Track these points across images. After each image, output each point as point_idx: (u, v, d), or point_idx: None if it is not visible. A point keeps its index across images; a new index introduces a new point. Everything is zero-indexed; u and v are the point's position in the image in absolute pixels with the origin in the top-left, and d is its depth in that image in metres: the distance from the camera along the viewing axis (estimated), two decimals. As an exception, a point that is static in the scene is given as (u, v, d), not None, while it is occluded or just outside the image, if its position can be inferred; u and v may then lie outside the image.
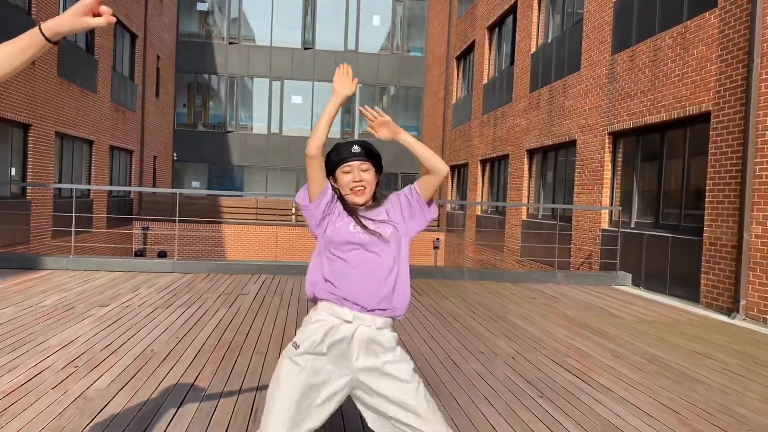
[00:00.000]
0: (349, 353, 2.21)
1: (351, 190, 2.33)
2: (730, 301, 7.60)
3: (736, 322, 7.19)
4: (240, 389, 3.94)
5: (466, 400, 3.91)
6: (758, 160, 7.22)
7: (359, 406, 2.27)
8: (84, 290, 7.31)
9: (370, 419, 2.22)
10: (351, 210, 2.33)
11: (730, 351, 5.65)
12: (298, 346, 2.20)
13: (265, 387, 3.96)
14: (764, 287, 7.10)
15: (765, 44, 7.18)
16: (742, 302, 7.33)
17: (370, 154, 2.37)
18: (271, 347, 5.04)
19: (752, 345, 5.96)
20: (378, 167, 2.39)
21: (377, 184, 2.40)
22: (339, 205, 2.36)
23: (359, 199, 2.33)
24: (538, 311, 7.22)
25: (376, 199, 2.41)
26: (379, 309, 2.22)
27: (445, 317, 6.62)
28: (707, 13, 8.31)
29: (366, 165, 2.34)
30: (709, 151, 8.16)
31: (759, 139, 7.20)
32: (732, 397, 4.25)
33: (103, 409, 3.50)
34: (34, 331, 5.21)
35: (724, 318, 7.40)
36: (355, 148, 2.36)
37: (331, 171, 2.38)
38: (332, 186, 2.38)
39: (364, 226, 2.27)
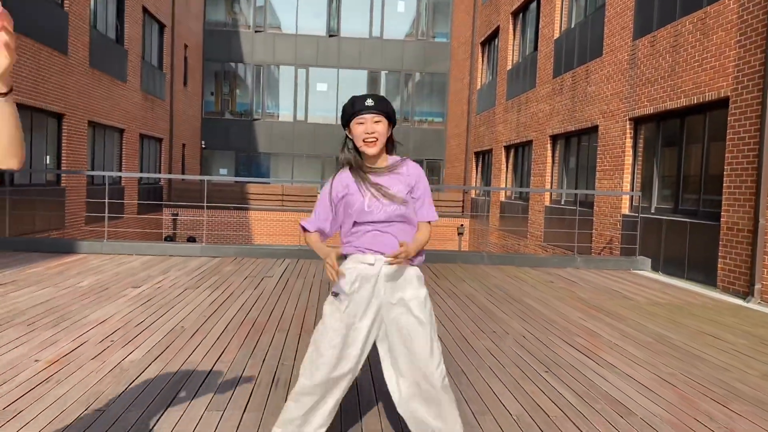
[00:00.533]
0: (377, 290, 2.51)
1: (364, 141, 2.54)
2: (746, 284, 7.68)
3: (751, 305, 7.29)
4: (263, 362, 4.22)
5: (474, 374, 4.14)
6: (775, 145, 7.27)
7: (377, 342, 2.57)
8: (118, 272, 7.69)
9: (382, 351, 2.55)
10: (364, 181, 2.56)
11: (740, 332, 5.78)
12: (336, 294, 2.50)
13: (287, 361, 4.25)
14: (779, 271, 7.18)
15: (783, 29, 7.20)
16: (757, 286, 7.42)
17: (383, 106, 2.56)
18: (293, 326, 5.32)
19: (763, 327, 6.08)
20: (391, 120, 2.59)
21: (390, 137, 2.63)
22: (349, 187, 2.59)
23: (371, 150, 2.55)
24: (554, 294, 7.40)
25: (389, 151, 2.64)
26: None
27: (461, 299, 6.84)
28: (727, -2, 8.32)
29: (378, 117, 2.54)
30: (728, 137, 8.21)
31: (775, 125, 7.25)
32: (733, 374, 4.41)
33: (137, 378, 3.80)
34: (72, 309, 5.57)
35: (739, 301, 7.49)
36: (369, 102, 2.54)
37: (346, 122, 2.59)
38: (348, 139, 2.62)
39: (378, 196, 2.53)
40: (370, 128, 2.52)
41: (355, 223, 2.57)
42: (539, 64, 15.93)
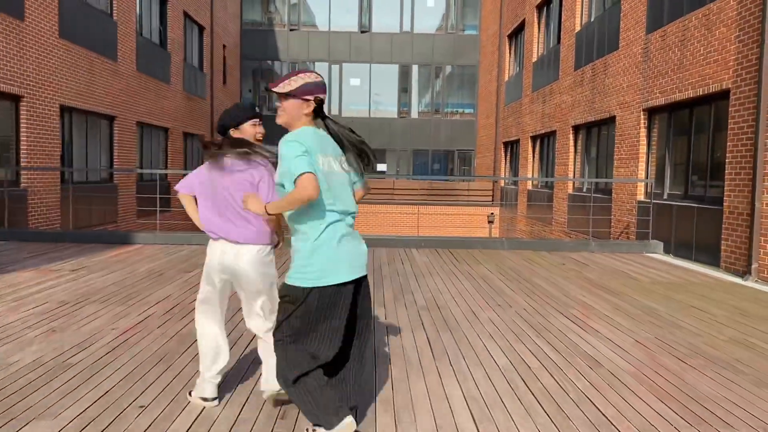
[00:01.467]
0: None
1: (255, 138, 3.38)
2: (745, 264, 8.25)
3: (748, 283, 7.86)
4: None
5: (475, 338, 4.91)
6: (768, 134, 7.81)
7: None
8: (171, 260, 8.65)
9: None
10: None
11: (725, 306, 6.40)
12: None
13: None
14: (773, 251, 7.74)
15: (775, 26, 7.71)
16: (755, 265, 7.98)
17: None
18: (324, 301, 6.15)
19: (749, 301, 6.68)
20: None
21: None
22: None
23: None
24: (563, 275, 8.09)
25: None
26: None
27: (476, 279, 7.59)
28: (727, -5, 8.83)
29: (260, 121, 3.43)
30: (729, 126, 8.74)
31: (769, 115, 7.78)
32: (703, 338, 5.08)
33: (192, 343, 4.68)
34: (136, 290, 6.51)
35: (737, 280, 8.06)
36: (257, 109, 3.44)
37: (238, 124, 3.37)
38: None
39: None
40: (261, 129, 3.40)
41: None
42: (562, 56, 16.45)
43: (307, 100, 2.92)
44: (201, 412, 3.33)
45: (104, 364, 4.07)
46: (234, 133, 3.36)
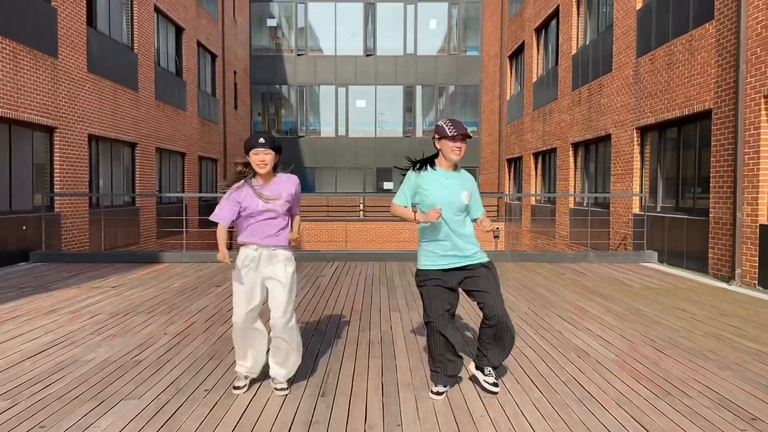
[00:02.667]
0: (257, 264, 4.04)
1: (257, 165, 3.90)
2: (729, 270, 8.93)
3: (732, 287, 8.54)
4: (324, 332, 5.79)
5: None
6: (746, 150, 8.53)
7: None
8: (200, 276, 9.40)
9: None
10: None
11: (706, 307, 7.09)
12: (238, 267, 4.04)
13: (342, 328, 5.78)
14: (753, 258, 8.43)
15: (749, 52, 8.48)
16: (738, 271, 8.67)
17: (270, 144, 3.95)
18: (344, 310, 6.88)
19: (729, 303, 7.37)
20: (277, 152, 4.01)
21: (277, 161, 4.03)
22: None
23: (261, 171, 3.93)
24: (562, 283, 8.79)
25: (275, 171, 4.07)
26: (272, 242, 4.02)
27: (481, 288, 8.30)
28: (707, 24, 9.61)
29: (267, 151, 3.92)
30: (712, 143, 9.48)
31: (746, 133, 8.52)
32: (680, 333, 5.78)
33: (238, 342, 5.41)
34: (175, 302, 7.25)
35: (723, 285, 8.74)
36: (261, 140, 3.94)
37: (246, 152, 3.93)
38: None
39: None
40: (261, 157, 3.88)
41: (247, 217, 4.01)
42: (560, 77, 17.26)
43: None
44: (256, 391, 4.06)
45: (166, 360, 4.81)
46: (247, 158, 4.00)
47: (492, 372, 4.06)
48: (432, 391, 4.01)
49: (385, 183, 30.80)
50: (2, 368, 4.60)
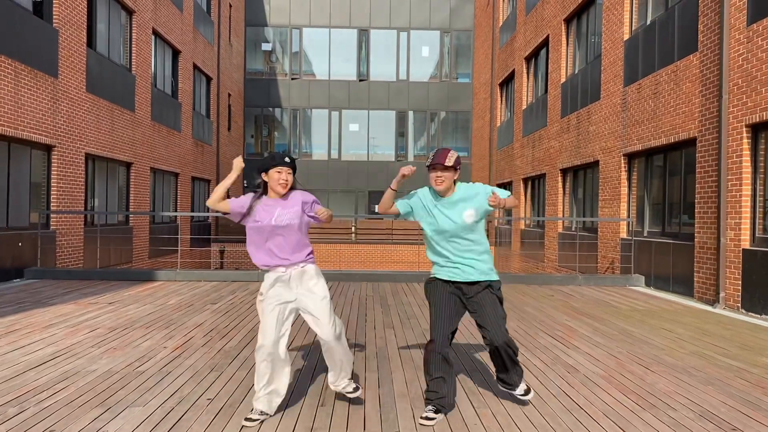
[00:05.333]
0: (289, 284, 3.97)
1: (278, 183, 3.87)
2: (714, 293, 9.17)
3: (717, 310, 8.76)
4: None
5: (472, 351, 5.79)
6: (729, 177, 8.83)
7: (303, 315, 4.05)
8: (195, 294, 9.52)
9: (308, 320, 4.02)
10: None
11: (691, 327, 7.30)
12: (261, 293, 4.01)
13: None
14: (737, 281, 8.67)
15: (731, 83, 8.81)
16: (722, 294, 8.90)
17: (292, 163, 3.96)
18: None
19: (713, 324, 7.58)
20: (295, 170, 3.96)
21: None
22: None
23: (280, 191, 3.89)
24: (551, 304, 8.98)
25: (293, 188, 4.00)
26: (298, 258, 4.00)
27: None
28: (691, 55, 9.98)
29: (289, 169, 3.92)
30: (696, 170, 9.78)
31: (729, 161, 8.82)
32: (665, 351, 5.97)
33: (236, 356, 5.54)
34: (173, 318, 7.37)
35: (707, 307, 8.97)
36: (287, 159, 3.90)
37: (266, 169, 3.88)
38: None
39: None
40: (285, 177, 3.89)
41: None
42: (549, 104, 17.64)
43: (458, 170, 4.05)
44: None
45: (167, 372, 4.94)
46: (264, 177, 4.00)
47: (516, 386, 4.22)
48: (422, 417, 3.89)
49: (376, 206, 31.00)
50: (8, 377, 4.71)
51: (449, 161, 3.97)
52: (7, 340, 6.02)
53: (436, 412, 3.91)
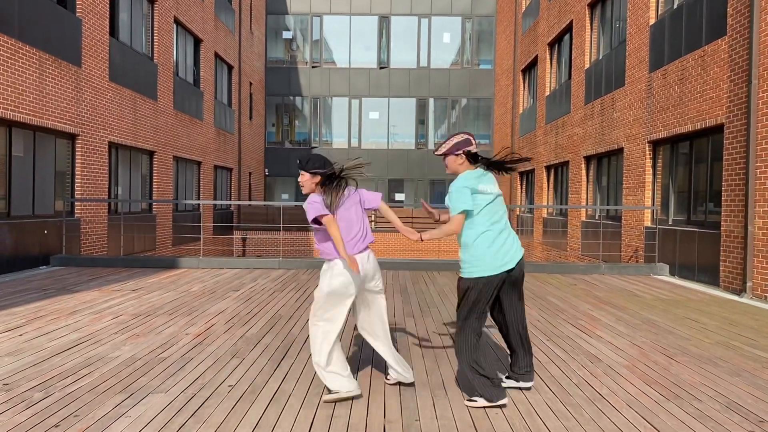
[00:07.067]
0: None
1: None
2: (740, 283, 9.00)
3: (744, 300, 8.61)
4: (341, 337, 5.93)
5: (492, 340, 5.75)
6: (758, 164, 8.63)
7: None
8: (217, 281, 9.58)
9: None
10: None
11: (717, 317, 7.18)
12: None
13: (353, 337, 5.95)
14: (765, 270, 8.50)
15: (761, 67, 8.60)
16: (749, 283, 8.74)
17: (302, 165, 4.06)
18: (360, 314, 7.03)
19: (740, 314, 7.45)
20: (307, 170, 4.00)
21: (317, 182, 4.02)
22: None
23: (305, 191, 4.06)
24: (573, 293, 8.90)
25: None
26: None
27: (494, 297, 8.42)
28: (720, 39, 9.75)
29: (301, 173, 4.02)
30: (724, 157, 9.58)
31: (758, 147, 8.62)
32: (691, 341, 5.87)
33: (258, 342, 5.57)
34: (195, 305, 7.43)
35: (734, 297, 8.81)
36: (297, 163, 4.11)
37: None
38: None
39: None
40: (300, 179, 4.06)
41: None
42: (573, 91, 17.40)
43: (458, 155, 4.07)
44: (278, 388, 4.22)
45: (190, 358, 4.97)
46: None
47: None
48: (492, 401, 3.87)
49: (397, 194, 30.96)
50: (34, 362, 4.78)
51: (440, 150, 4.15)
52: (33, 326, 6.11)
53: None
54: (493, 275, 3.90)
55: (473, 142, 4.11)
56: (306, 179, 4.05)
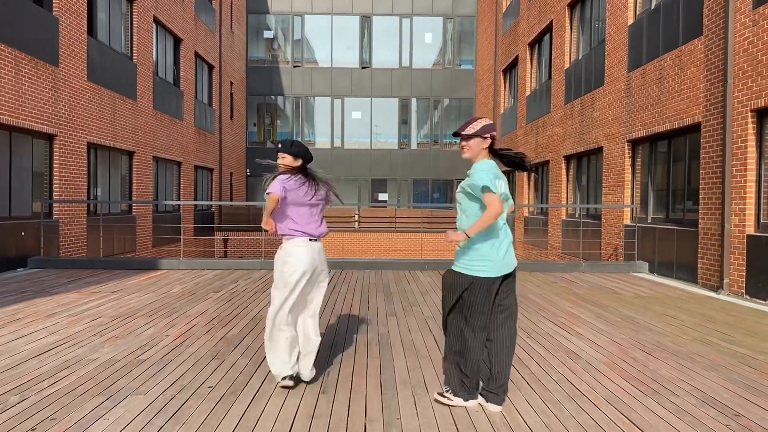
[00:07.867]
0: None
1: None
2: (718, 280, 9.13)
3: (721, 296, 8.73)
4: (323, 335, 5.93)
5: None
6: (734, 162, 8.76)
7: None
8: (198, 282, 9.52)
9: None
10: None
11: (695, 314, 7.27)
12: None
13: (335, 336, 5.93)
14: (741, 267, 8.63)
15: (736, 67, 8.72)
16: (726, 280, 8.87)
17: (285, 149, 4.30)
18: (342, 314, 7.02)
19: (717, 310, 7.55)
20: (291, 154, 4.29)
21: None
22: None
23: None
24: (554, 291, 8.96)
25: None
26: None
27: (475, 295, 8.46)
28: (696, 39, 9.88)
29: (283, 154, 4.27)
30: (701, 156, 9.71)
31: (734, 146, 8.75)
32: (669, 338, 5.95)
33: (238, 344, 5.54)
34: (175, 307, 7.37)
35: (712, 294, 8.93)
36: (279, 145, 4.33)
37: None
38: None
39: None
40: (280, 160, 4.25)
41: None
42: (553, 91, 17.53)
43: (486, 138, 3.77)
44: (259, 388, 4.20)
45: (169, 360, 4.94)
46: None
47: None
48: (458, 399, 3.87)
49: (380, 194, 30.97)
50: (9, 366, 4.72)
51: (468, 130, 3.79)
52: (10, 329, 6.03)
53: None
54: (495, 277, 3.73)
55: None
56: (288, 161, 4.24)
